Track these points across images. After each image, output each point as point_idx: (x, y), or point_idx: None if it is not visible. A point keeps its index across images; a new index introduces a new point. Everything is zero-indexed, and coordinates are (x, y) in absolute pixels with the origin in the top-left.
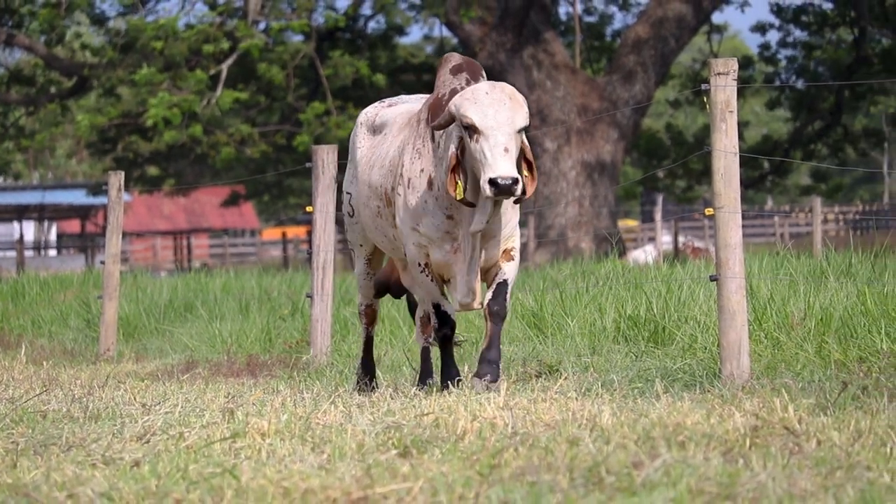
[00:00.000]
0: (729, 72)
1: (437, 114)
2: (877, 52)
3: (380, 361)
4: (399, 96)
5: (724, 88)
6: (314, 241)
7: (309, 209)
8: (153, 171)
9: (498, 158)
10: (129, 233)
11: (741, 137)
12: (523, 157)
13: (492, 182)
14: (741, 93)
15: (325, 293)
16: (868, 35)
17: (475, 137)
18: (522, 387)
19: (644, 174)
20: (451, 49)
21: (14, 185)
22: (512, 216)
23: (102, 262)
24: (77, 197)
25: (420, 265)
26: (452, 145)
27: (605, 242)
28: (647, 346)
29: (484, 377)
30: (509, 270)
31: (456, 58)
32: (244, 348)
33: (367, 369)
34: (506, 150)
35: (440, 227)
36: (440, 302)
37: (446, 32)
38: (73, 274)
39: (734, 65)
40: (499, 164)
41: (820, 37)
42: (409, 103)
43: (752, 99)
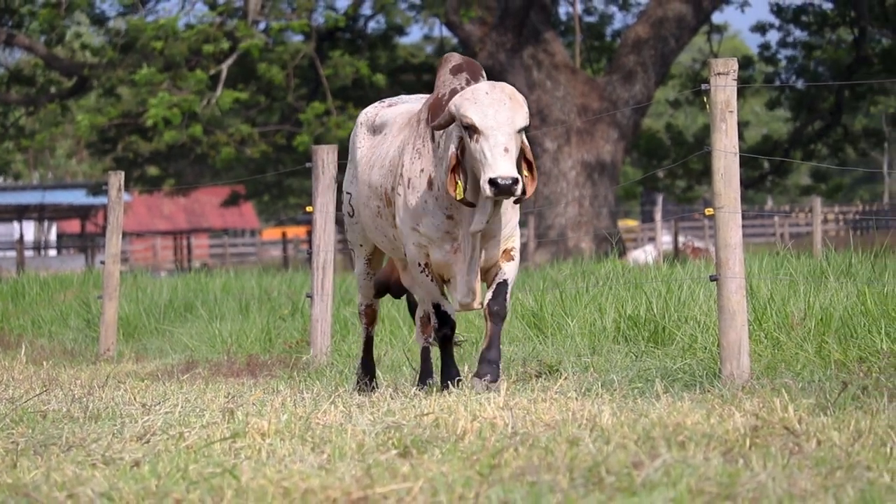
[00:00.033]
0: (729, 72)
1: (438, 114)
2: (877, 52)
3: (380, 361)
4: (399, 96)
5: (724, 88)
6: (314, 241)
7: (309, 209)
8: (153, 171)
9: (498, 158)
10: (129, 233)
11: (741, 137)
12: (523, 158)
13: (492, 182)
14: (741, 93)
15: (324, 293)
16: (868, 35)
17: (475, 137)
18: (522, 387)
19: (644, 174)
20: (451, 49)
21: (14, 185)
22: (512, 216)
23: (102, 262)
24: (77, 197)
25: (420, 265)
26: (452, 145)
27: (605, 242)
28: (647, 346)
29: (484, 377)
30: (509, 270)
31: (456, 58)
32: (244, 348)
33: (368, 369)
34: (506, 150)
35: (440, 227)
36: (440, 302)
37: (446, 32)
38: (73, 274)
39: (734, 65)
40: (499, 163)
41: (820, 37)
42: (410, 103)
43: (752, 99)
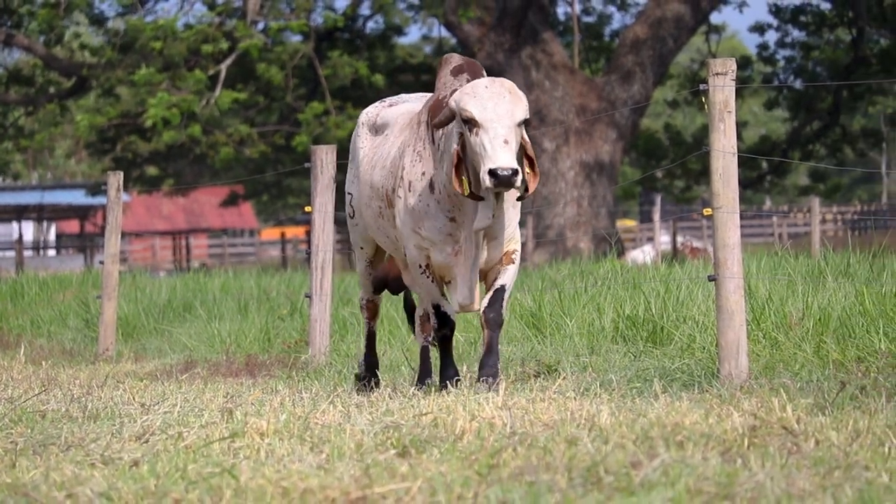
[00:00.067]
0: (727, 72)
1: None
2: (875, 52)
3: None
4: (399, 95)
5: (722, 89)
6: (313, 241)
7: (308, 209)
8: (152, 171)
9: (497, 150)
10: (128, 233)
11: (739, 137)
12: (524, 154)
13: (491, 173)
14: (739, 93)
15: (323, 293)
16: (866, 35)
17: (475, 131)
18: (521, 387)
19: (642, 174)
20: (450, 49)
21: (13, 186)
22: (513, 217)
23: (101, 262)
24: (76, 197)
25: (421, 267)
26: (454, 143)
27: (603, 242)
28: (645, 346)
29: (486, 380)
30: (507, 276)
31: (456, 58)
32: (243, 348)
33: (370, 364)
34: (505, 142)
35: (442, 229)
36: (440, 303)
37: (445, 33)
38: (72, 274)
39: (732, 65)
40: (498, 155)
41: (818, 37)
42: (411, 103)
43: (750, 99)
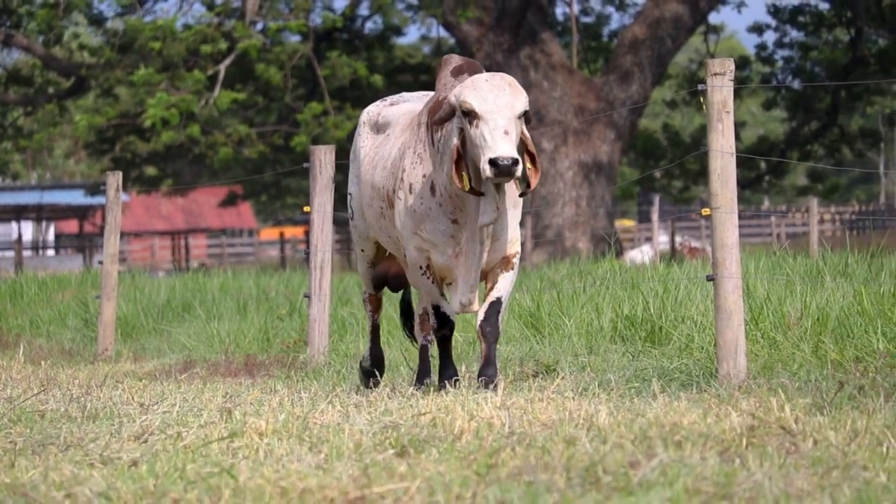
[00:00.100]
0: (725, 72)
1: None
2: (873, 52)
3: None
4: (401, 94)
5: (720, 89)
6: (312, 241)
7: (306, 209)
8: (151, 171)
9: (498, 140)
10: (127, 233)
11: (738, 138)
12: (525, 149)
13: (492, 162)
14: (738, 93)
15: (322, 293)
16: (864, 35)
17: (475, 123)
18: (519, 387)
19: (641, 174)
20: (449, 49)
21: (12, 186)
22: (515, 217)
23: (100, 262)
24: (75, 197)
25: (421, 268)
26: (454, 138)
27: (602, 242)
28: (643, 345)
29: (487, 387)
30: (505, 286)
31: (456, 59)
32: (242, 348)
33: (375, 357)
34: (506, 133)
35: (444, 231)
36: (439, 303)
37: (443, 33)
38: (71, 274)
39: (731, 65)
40: (499, 144)
41: (816, 37)
42: (412, 102)
43: (748, 99)
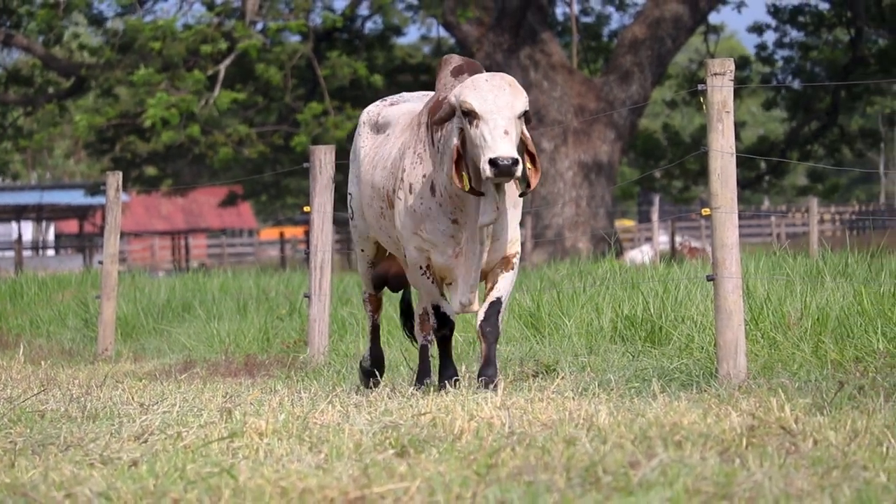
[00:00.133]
0: (725, 72)
1: None
2: (873, 52)
3: None
4: (401, 94)
5: (720, 89)
6: (312, 241)
7: (306, 209)
8: (151, 171)
9: (498, 140)
10: (127, 233)
11: (738, 138)
12: (525, 149)
13: (492, 162)
14: (738, 93)
15: (322, 293)
16: (864, 35)
17: (475, 123)
18: (519, 386)
19: (641, 174)
20: (449, 49)
21: (12, 186)
22: (515, 217)
23: (100, 262)
24: (75, 197)
25: (421, 268)
26: (454, 138)
27: (602, 242)
28: (643, 345)
29: (488, 387)
30: (504, 286)
31: (456, 59)
32: (242, 348)
33: (375, 357)
34: (506, 133)
35: (445, 231)
36: (439, 303)
37: (443, 33)
38: (71, 274)
39: (731, 65)
40: (499, 144)
41: (816, 37)
42: (412, 102)
43: (748, 99)
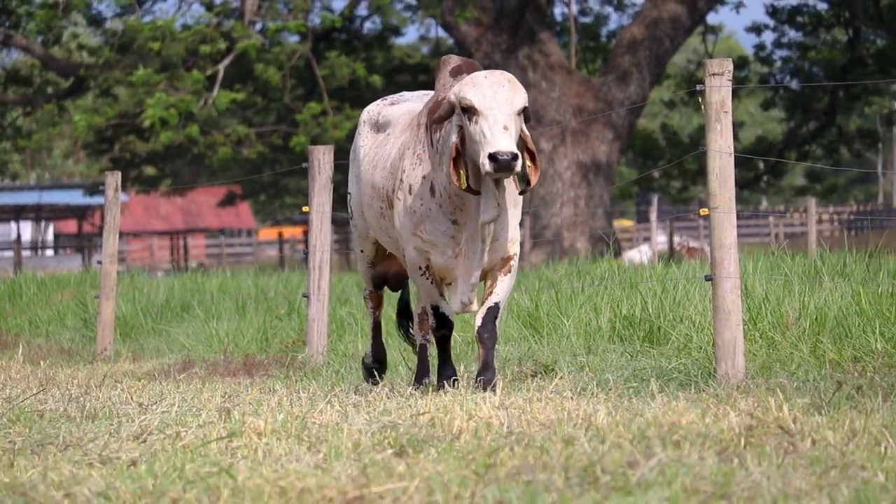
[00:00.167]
0: (724, 72)
1: None
2: (871, 52)
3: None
4: (402, 93)
5: (718, 89)
6: (310, 241)
7: (305, 209)
8: (150, 171)
9: (497, 135)
10: (125, 233)
11: (736, 138)
12: (525, 147)
13: (491, 157)
14: (736, 93)
15: (321, 293)
16: (862, 35)
17: (474, 119)
18: (518, 386)
19: (639, 174)
20: (447, 49)
21: (11, 186)
22: (514, 217)
23: (99, 262)
24: (74, 197)
25: (420, 269)
26: (453, 135)
27: (600, 242)
28: (642, 345)
29: (485, 389)
30: (502, 290)
31: (455, 59)
32: (241, 348)
33: (378, 353)
34: (505, 128)
35: (445, 231)
36: (438, 304)
37: (442, 33)
38: (70, 274)
39: (729, 65)
40: (498, 139)
41: (815, 37)
42: (412, 102)
43: (746, 99)
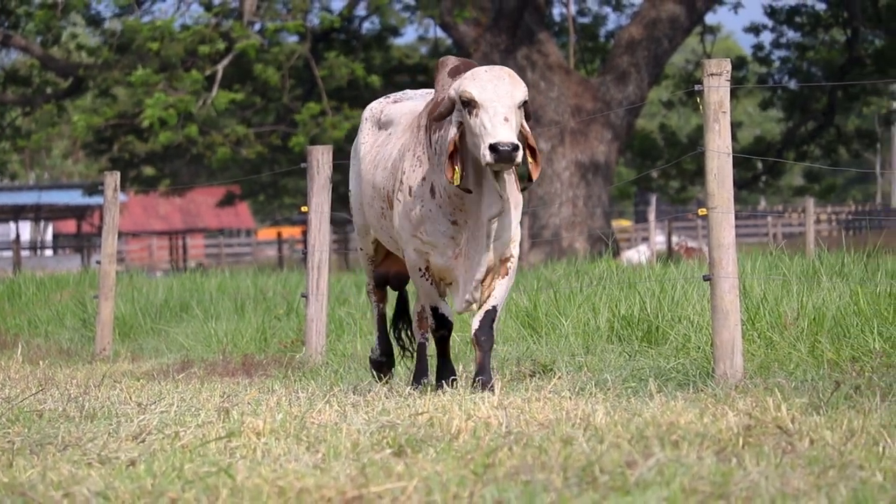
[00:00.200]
0: (722, 72)
1: None
2: (869, 52)
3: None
4: (404, 92)
5: (717, 89)
6: (309, 241)
7: (304, 209)
8: (149, 171)
9: (498, 126)
10: (124, 233)
11: (734, 138)
12: (526, 142)
13: (492, 147)
14: (734, 93)
15: (320, 293)
16: (861, 36)
17: (475, 112)
18: (516, 386)
19: (638, 174)
20: (446, 50)
21: (10, 186)
22: (515, 217)
23: (98, 262)
24: (73, 197)
25: (420, 270)
26: (453, 128)
27: (599, 242)
28: (640, 345)
29: (483, 390)
30: (500, 293)
31: (453, 60)
32: (239, 348)
33: (384, 348)
34: (506, 119)
35: (445, 232)
36: (438, 304)
37: (441, 33)
38: (69, 274)
39: (727, 66)
40: (498, 130)
41: (813, 37)
42: (415, 100)
43: (745, 99)
